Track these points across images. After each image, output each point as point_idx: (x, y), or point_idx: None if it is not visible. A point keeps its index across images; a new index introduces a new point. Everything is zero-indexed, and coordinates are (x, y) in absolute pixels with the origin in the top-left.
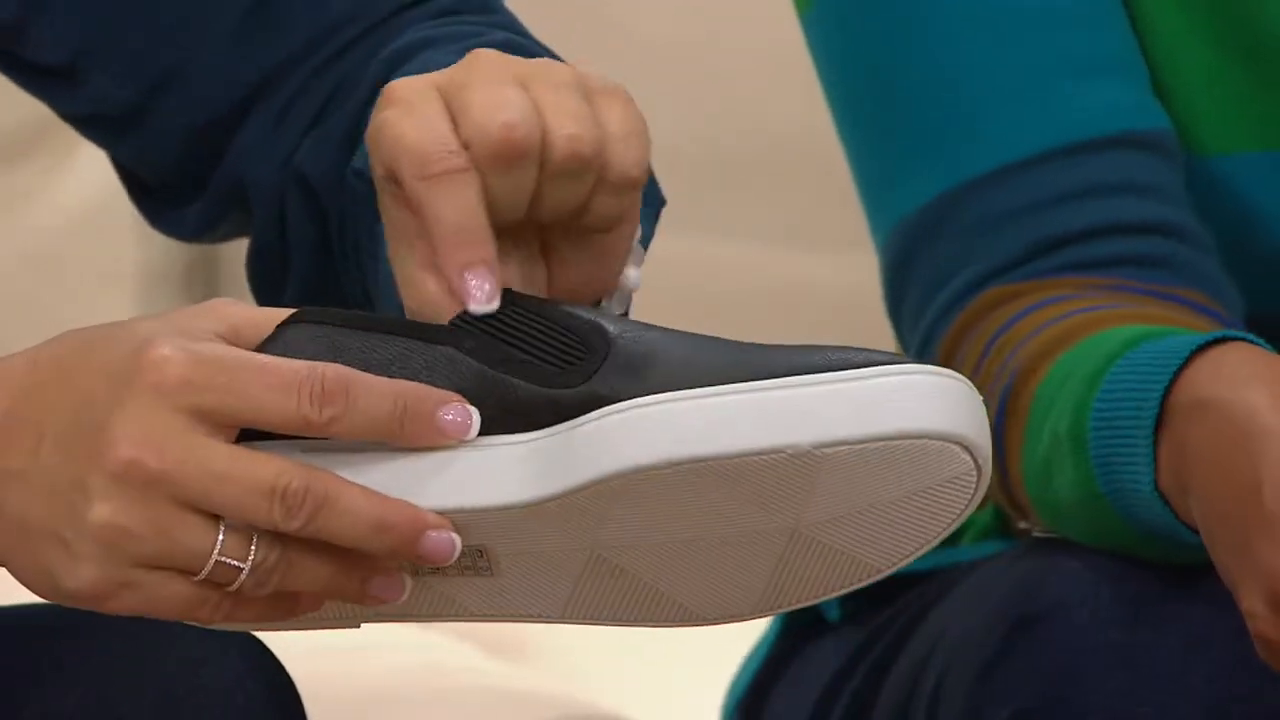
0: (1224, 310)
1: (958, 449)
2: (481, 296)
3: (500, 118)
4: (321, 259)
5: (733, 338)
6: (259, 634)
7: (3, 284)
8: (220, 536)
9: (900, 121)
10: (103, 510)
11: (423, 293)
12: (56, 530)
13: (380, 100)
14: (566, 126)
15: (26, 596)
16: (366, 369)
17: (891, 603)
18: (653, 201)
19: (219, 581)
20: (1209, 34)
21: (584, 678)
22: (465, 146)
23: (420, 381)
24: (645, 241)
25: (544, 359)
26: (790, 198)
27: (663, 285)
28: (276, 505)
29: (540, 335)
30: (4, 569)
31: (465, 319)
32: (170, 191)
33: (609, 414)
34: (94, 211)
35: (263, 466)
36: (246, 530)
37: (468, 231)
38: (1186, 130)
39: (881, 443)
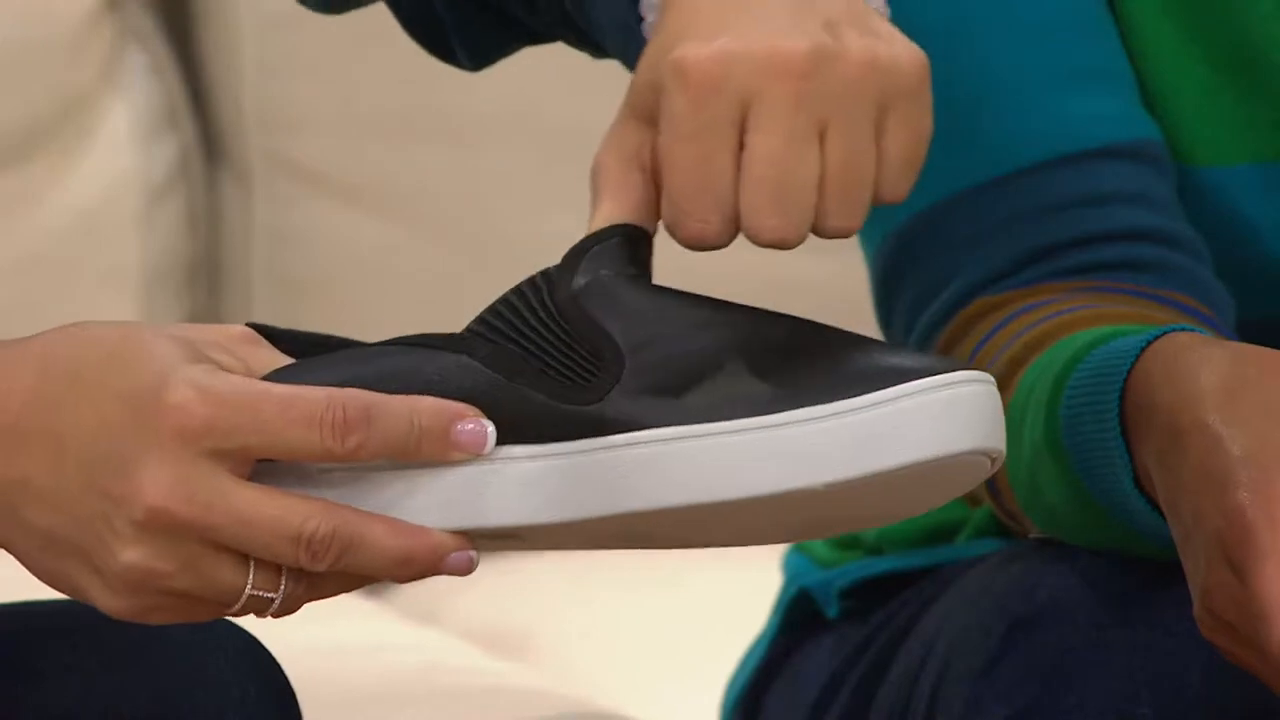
0: (1214, 314)
1: (973, 456)
2: None
3: (772, 234)
4: None
5: None
6: (257, 634)
7: (4, 284)
8: (251, 573)
9: None
10: (133, 554)
11: (628, 178)
12: (88, 557)
13: (674, 68)
14: (840, 219)
15: (26, 596)
16: (379, 378)
17: (889, 601)
18: None
19: (251, 608)
20: (1199, 46)
21: (584, 677)
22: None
23: (433, 390)
24: None
25: (558, 371)
26: None
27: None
28: (303, 551)
29: (554, 344)
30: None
31: (479, 325)
32: None
33: (623, 446)
34: (96, 212)
35: (289, 512)
36: (277, 564)
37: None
38: (1177, 142)
39: (901, 469)
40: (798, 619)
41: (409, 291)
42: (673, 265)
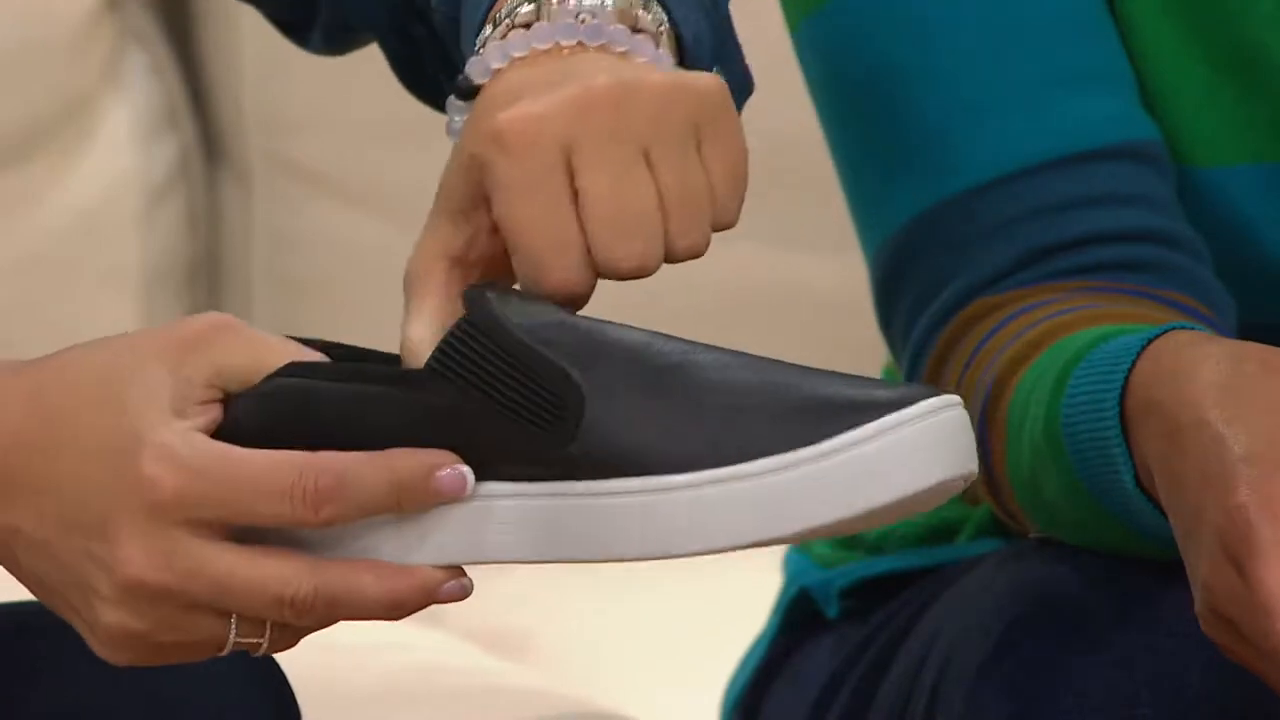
0: (1214, 314)
1: (948, 483)
2: None
3: (632, 260)
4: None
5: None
6: None
7: (5, 284)
8: (233, 628)
9: (890, 135)
10: (114, 615)
11: (450, 275)
12: (77, 610)
13: (492, 138)
14: (688, 238)
15: (26, 595)
16: (345, 419)
17: (889, 600)
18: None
19: (239, 650)
20: (1200, 47)
21: (584, 677)
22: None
23: (399, 431)
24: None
25: (521, 413)
26: (788, 199)
27: (659, 287)
28: (286, 610)
29: (516, 385)
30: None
31: (438, 362)
32: (292, 21)
33: (603, 496)
34: (96, 212)
35: (269, 577)
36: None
37: None
38: (1178, 143)
39: (876, 509)
40: (798, 619)
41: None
42: (669, 271)
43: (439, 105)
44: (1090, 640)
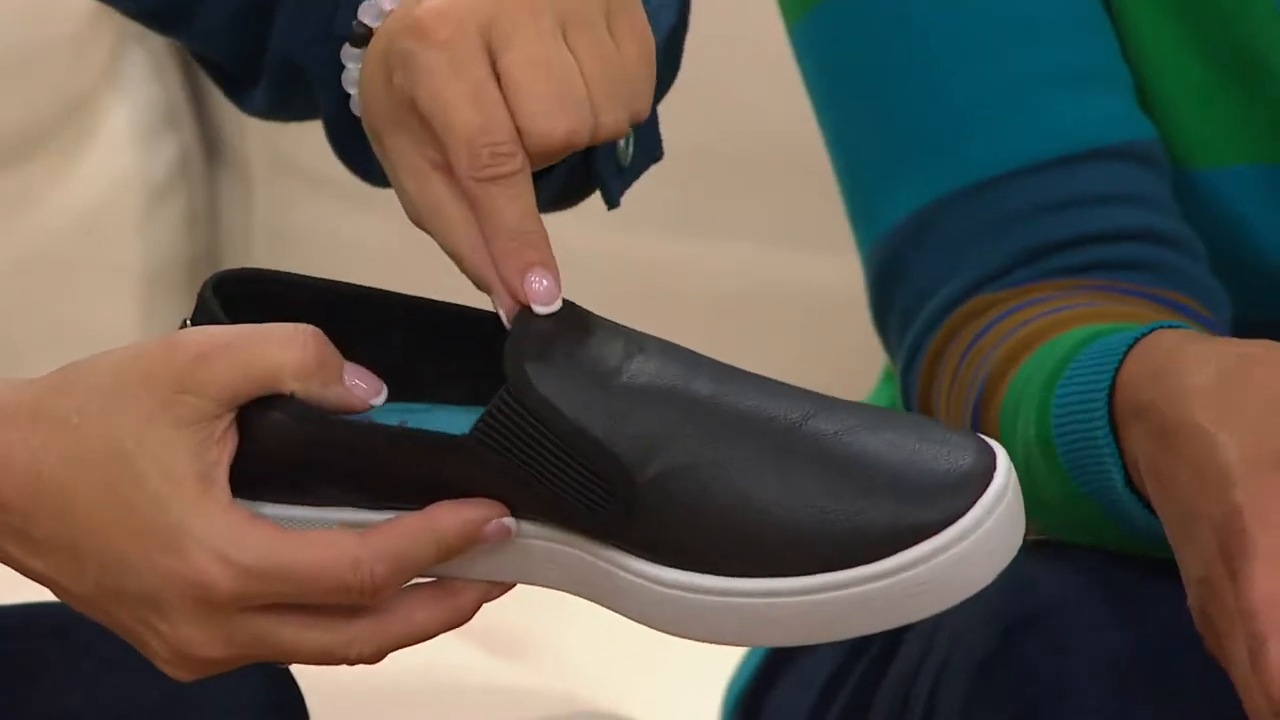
0: (1210, 313)
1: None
2: (544, 296)
3: (564, 126)
4: None
5: (730, 338)
6: None
7: (6, 284)
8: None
9: (887, 133)
10: (176, 671)
11: (433, 191)
12: (142, 650)
13: (411, 28)
14: (612, 113)
15: (27, 596)
16: (389, 465)
17: None
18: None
19: None
20: (1198, 48)
21: (584, 676)
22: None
23: (446, 477)
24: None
25: (566, 492)
26: (788, 199)
27: (661, 287)
28: (351, 663)
29: (566, 470)
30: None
31: (485, 435)
32: (239, 74)
33: (640, 578)
34: (97, 211)
35: (333, 640)
36: None
37: (527, 234)
38: (1175, 144)
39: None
40: None
41: (409, 292)
42: (669, 271)
43: (366, 171)
44: (1089, 639)
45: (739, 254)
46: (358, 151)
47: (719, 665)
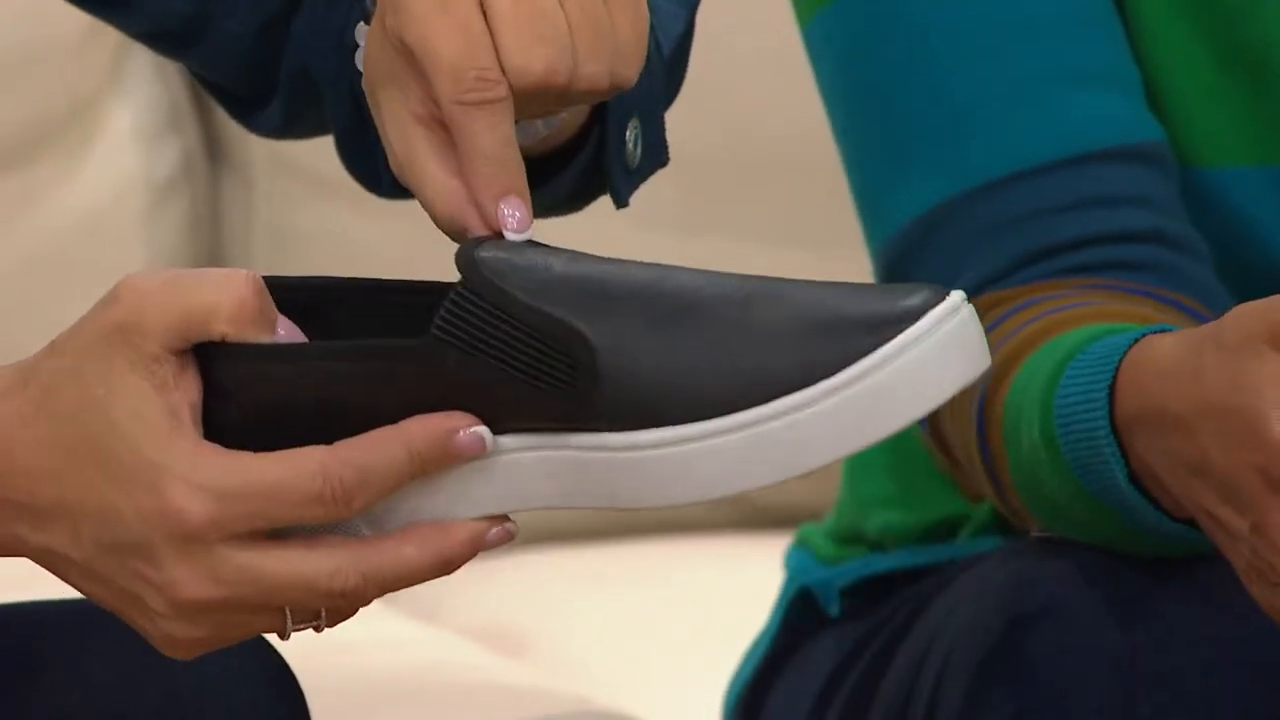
0: (1213, 315)
1: (966, 386)
2: (516, 224)
3: (542, 61)
4: None
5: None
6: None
7: (8, 285)
8: (288, 618)
9: (896, 133)
10: (174, 628)
11: (414, 142)
12: (133, 618)
13: None
14: (593, 63)
15: (27, 595)
16: (352, 393)
17: (890, 599)
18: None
19: (301, 629)
20: (1208, 48)
21: (584, 675)
22: (503, 71)
23: (414, 403)
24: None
25: (534, 375)
26: (794, 200)
27: None
28: (338, 599)
29: (524, 348)
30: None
31: (442, 330)
32: (250, 94)
33: (618, 451)
34: (100, 213)
35: (317, 570)
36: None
37: (504, 161)
38: (1184, 143)
39: (900, 428)
40: (799, 617)
41: None
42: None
43: (375, 183)
44: (1090, 639)
45: (745, 254)
46: (367, 165)
47: (719, 664)
